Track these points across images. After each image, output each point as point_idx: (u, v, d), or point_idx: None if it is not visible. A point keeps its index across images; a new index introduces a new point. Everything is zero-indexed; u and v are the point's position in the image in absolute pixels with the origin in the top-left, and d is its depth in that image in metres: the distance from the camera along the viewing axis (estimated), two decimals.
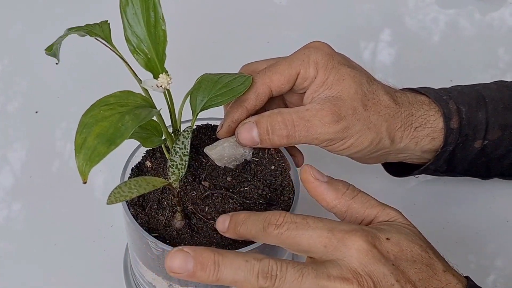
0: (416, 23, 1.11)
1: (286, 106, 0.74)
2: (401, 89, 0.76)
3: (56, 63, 0.62)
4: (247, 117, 0.68)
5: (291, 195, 0.66)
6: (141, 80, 0.60)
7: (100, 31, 0.61)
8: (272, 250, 0.63)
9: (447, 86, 0.78)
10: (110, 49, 0.60)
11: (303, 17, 1.10)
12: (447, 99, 0.73)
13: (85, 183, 0.52)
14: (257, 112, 0.69)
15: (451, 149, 0.73)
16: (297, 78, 0.70)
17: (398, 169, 0.80)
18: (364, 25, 1.11)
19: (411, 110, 0.72)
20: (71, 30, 0.62)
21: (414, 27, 1.11)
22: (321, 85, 0.69)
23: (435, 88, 0.77)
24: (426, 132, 0.72)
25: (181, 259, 0.56)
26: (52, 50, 0.61)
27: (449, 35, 1.09)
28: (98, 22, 0.62)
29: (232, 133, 0.69)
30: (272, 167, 0.69)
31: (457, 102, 0.73)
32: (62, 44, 0.62)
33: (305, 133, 0.67)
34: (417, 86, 0.77)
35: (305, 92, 0.71)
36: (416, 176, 0.80)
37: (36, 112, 0.94)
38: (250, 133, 0.67)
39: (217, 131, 0.69)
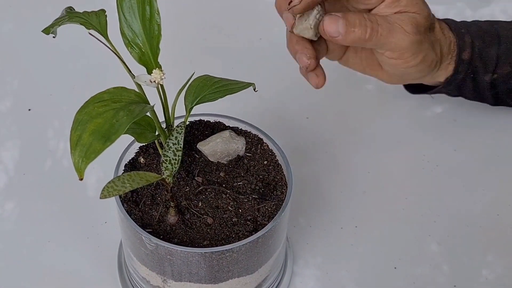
0: None
1: None
2: None
3: (53, 37, 0.62)
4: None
5: (284, 189, 0.67)
6: (134, 76, 0.60)
7: (97, 22, 0.61)
8: (264, 243, 0.64)
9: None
10: (105, 45, 0.60)
11: None
12: (464, 32, 0.79)
13: (81, 179, 0.52)
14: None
15: (461, 77, 0.80)
16: None
17: (415, 87, 0.87)
18: None
19: (450, 39, 0.77)
20: (69, 14, 0.62)
21: None
22: (396, 4, 0.70)
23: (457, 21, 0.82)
24: (446, 55, 0.78)
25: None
26: (50, 33, 0.61)
27: None
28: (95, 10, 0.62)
29: (309, 8, 0.68)
30: (265, 162, 0.69)
31: (473, 36, 0.79)
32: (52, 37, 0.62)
33: (386, 35, 0.69)
34: None
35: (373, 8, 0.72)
36: (432, 96, 0.91)
37: (29, 109, 0.94)
38: (336, 23, 0.67)
39: (290, 5, 0.68)
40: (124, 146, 0.68)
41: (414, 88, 0.87)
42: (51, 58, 1.00)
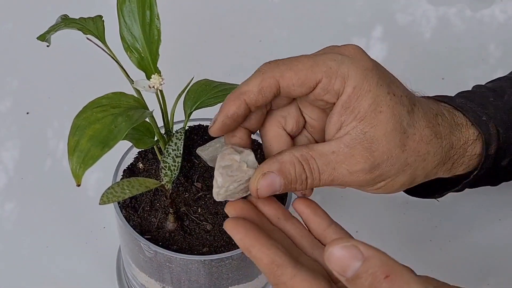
0: (408, 19, 1.11)
1: (300, 113, 0.61)
2: (434, 98, 0.66)
3: (47, 46, 0.62)
4: (245, 113, 0.58)
5: (284, 195, 0.66)
6: (133, 81, 0.59)
7: (94, 28, 0.61)
8: None
9: (465, 89, 0.71)
10: (104, 50, 0.59)
11: (295, 14, 1.10)
12: (487, 120, 0.64)
13: (79, 186, 0.51)
14: (257, 108, 0.59)
15: (482, 172, 0.65)
16: (315, 87, 0.57)
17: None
18: (356, 21, 1.11)
19: (451, 140, 0.61)
20: (65, 21, 0.61)
21: (406, 24, 1.10)
22: (350, 110, 0.56)
23: (467, 93, 0.69)
24: (462, 161, 0.64)
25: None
26: (45, 40, 0.61)
27: (440, 32, 1.09)
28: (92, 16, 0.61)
29: (226, 130, 0.59)
30: None
31: (496, 122, 0.64)
32: (52, 40, 0.61)
33: (330, 181, 0.58)
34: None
35: (324, 109, 0.59)
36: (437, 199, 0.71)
37: (27, 113, 0.93)
38: (273, 185, 0.57)
39: (209, 127, 0.59)
40: (123, 151, 0.68)
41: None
42: (49, 61, 0.99)
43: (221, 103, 0.62)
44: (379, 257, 0.48)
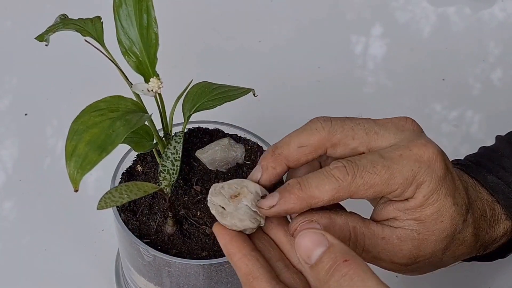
0: (407, 18, 1.11)
1: None
2: (467, 171, 0.65)
3: (46, 45, 0.61)
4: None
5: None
6: (132, 84, 0.59)
7: (92, 29, 0.60)
8: None
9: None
10: (102, 52, 0.59)
11: (294, 14, 1.10)
12: None
13: (76, 191, 0.51)
14: None
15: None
16: (390, 194, 0.56)
17: None
18: (355, 20, 1.11)
19: (485, 240, 0.62)
20: (64, 22, 0.61)
21: (405, 22, 1.10)
22: (411, 212, 0.57)
23: (494, 158, 0.66)
24: (487, 250, 0.65)
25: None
26: (43, 40, 0.60)
27: (440, 30, 1.09)
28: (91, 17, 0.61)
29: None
30: None
31: None
32: (50, 41, 0.61)
33: (369, 261, 0.57)
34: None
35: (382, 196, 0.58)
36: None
37: (26, 114, 0.93)
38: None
39: (260, 205, 0.56)
40: (122, 154, 0.67)
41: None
42: (48, 62, 0.99)
43: (220, 105, 0.63)
44: (342, 246, 0.50)
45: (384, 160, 0.56)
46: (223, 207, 0.57)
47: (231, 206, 0.57)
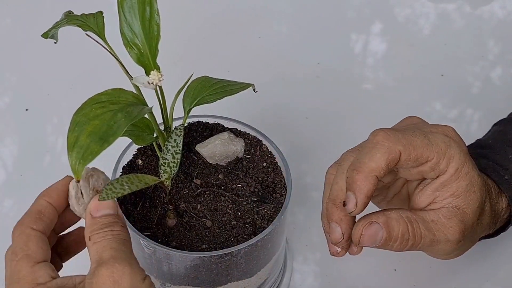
0: (407, 15, 1.11)
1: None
2: None
3: (55, 42, 0.62)
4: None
5: (283, 192, 0.66)
6: (132, 77, 0.59)
7: (94, 24, 0.61)
8: (264, 246, 0.63)
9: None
10: (103, 46, 0.59)
11: (293, 10, 1.10)
12: (510, 180, 0.68)
13: (78, 181, 0.52)
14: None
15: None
16: (425, 163, 0.61)
17: None
18: (355, 17, 1.11)
19: (496, 210, 0.67)
20: (68, 17, 0.61)
21: (405, 20, 1.10)
22: (448, 188, 0.61)
23: (487, 146, 0.73)
24: (497, 224, 0.69)
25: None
26: (48, 37, 0.61)
27: (439, 28, 1.09)
28: (93, 12, 0.61)
29: (365, 207, 0.60)
30: (264, 164, 0.68)
31: None
32: (50, 37, 0.61)
33: (428, 246, 0.62)
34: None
35: (422, 178, 0.63)
36: None
37: (26, 109, 0.93)
38: (376, 236, 0.61)
39: (349, 209, 0.59)
40: (122, 147, 0.68)
41: None
42: (48, 58, 0.99)
43: (220, 99, 0.63)
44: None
45: (421, 130, 0.62)
46: (82, 194, 0.57)
47: (88, 198, 0.57)
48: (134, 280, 0.51)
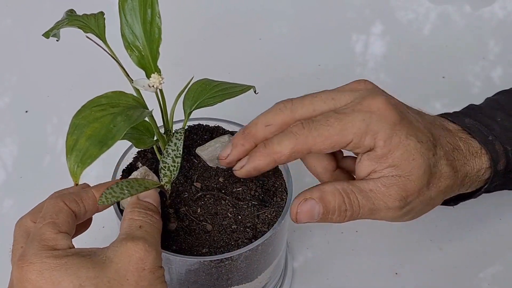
0: (408, 16, 1.11)
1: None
2: (445, 116, 0.70)
3: (57, 40, 0.62)
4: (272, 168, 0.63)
5: (284, 196, 0.66)
6: (132, 80, 0.59)
7: (95, 25, 0.60)
8: (264, 251, 0.63)
9: (474, 102, 0.75)
10: (103, 49, 0.59)
11: (294, 12, 1.10)
12: (493, 140, 0.68)
13: (76, 184, 0.52)
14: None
15: (493, 185, 0.70)
16: (346, 146, 0.62)
17: None
18: (355, 18, 1.11)
19: (465, 170, 0.66)
20: (69, 17, 0.61)
21: (406, 20, 1.10)
22: (384, 160, 0.61)
23: (476, 111, 0.72)
24: (476, 184, 0.69)
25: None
26: (50, 36, 0.60)
27: (440, 28, 1.08)
28: (95, 13, 0.61)
29: (250, 177, 0.64)
30: None
31: (503, 141, 0.68)
32: (51, 38, 0.61)
33: (368, 215, 0.62)
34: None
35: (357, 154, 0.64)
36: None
37: (26, 111, 0.93)
38: (312, 212, 0.61)
39: (234, 168, 0.63)
40: (122, 150, 0.67)
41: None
42: (48, 59, 0.99)
43: (220, 102, 0.63)
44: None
45: (338, 114, 0.61)
46: None
47: None
48: (155, 264, 0.55)
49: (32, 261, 0.54)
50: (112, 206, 0.62)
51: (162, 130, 0.63)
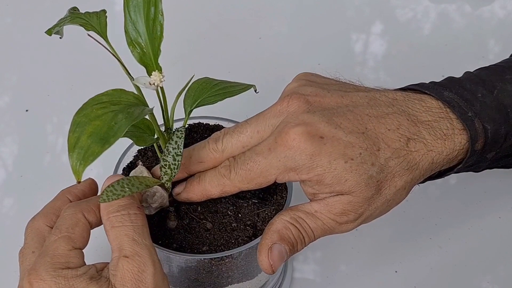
0: (408, 15, 1.11)
1: None
2: (420, 90, 0.66)
3: (60, 37, 0.62)
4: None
5: (284, 194, 0.66)
6: (133, 77, 0.59)
7: (97, 23, 0.60)
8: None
9: (455, 76, 0.70)
10: (104, 47, 0.59)
11: (294, 11, 1.10)
12: (473, 117, 0.62)
13: (79, 182, 0.52)
14: None
15: (468, 164, 0.65)
16: (275, 181, 0.61)
17: None
18: (355, 17, 1.11)
19: (430, 158, 0.62)
20: (72, 15, 0.61)
21: (405, 20, 1.10)
22: (319, 185, 0.60)
23: (457, 84, 0.66)
24: (445, 166, 0.64)
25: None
26: (52, 34, 0.61)
27: (440, 28, 1.09)
28: (97, 11, 0.61)
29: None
30: None
31: (482, 119, 0.63)
32: (52, 36, 0.61)
33: (325, 234, 0.61)
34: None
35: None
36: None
37: (27, 110, 0.93)
38: (282, 254, 0.60)
39: (175, 191, 0.64)
40: (123, 149, 0.67)
41: None
42: (49, 58, 0.99)
43: (221, 101, 0.63)
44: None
45: (256, 156, 0.60)
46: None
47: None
48: (156, 279, 0.55)
49: (43, 278, 0.55)
50: None
51: (162, 128, 0.63)
